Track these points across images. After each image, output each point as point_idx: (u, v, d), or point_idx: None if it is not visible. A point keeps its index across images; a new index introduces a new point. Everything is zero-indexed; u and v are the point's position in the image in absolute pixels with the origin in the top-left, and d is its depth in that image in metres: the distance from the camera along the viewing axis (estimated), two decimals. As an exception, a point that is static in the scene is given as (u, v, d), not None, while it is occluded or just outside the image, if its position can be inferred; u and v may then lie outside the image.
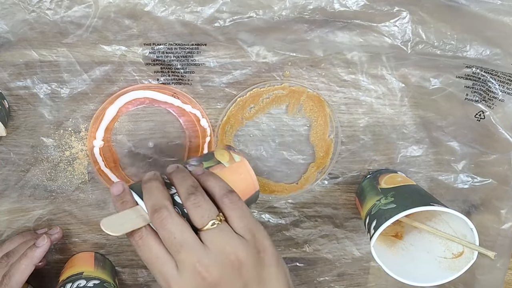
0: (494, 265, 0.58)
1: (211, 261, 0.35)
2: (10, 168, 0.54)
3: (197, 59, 0.52)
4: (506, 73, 0.52)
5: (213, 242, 0.36)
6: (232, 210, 0.38)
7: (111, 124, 0.53)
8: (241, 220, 0.37)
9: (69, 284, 0.50)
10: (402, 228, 0.55)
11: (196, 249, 0.35)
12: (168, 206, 0.37)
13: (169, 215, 0.36)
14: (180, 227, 0.36)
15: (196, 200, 0.37)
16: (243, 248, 0.36)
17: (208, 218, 0.36)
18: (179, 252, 0.35)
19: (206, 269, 0.35)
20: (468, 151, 0.56)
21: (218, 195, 0.38)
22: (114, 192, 0.40)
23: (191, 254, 0.35)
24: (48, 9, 0.47)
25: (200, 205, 0.37)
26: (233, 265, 0.36)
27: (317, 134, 0.55)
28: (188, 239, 0.36)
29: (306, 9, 0.49)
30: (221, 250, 0.36)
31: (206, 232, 0.36)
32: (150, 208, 0.37)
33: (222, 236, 0.36)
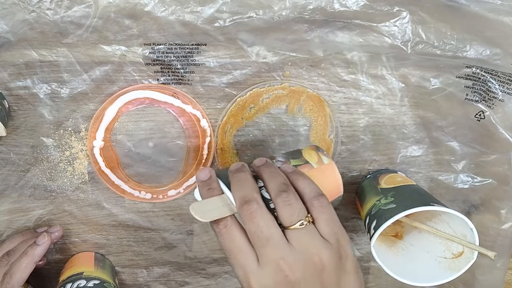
0: (494, 265, 0.58)
1: (295, 260, 0.35)
2: (10, 168, 0.54)
3: (197, 59, 0.52)
4: (506, 73, 0.52)
5: (299, 241, 0.36)
6: (321, 213, 0.37)
7: (111, 124, 0.53)
8: (328, 224, 0.37)
9: (69, 284, 0.50)
10: (402, 228, 0.55)
11: (282, 246, 0.35)
12: (258, 200, 0.37)
13: (259, 209, 0.36)
14: (268, 221, 0.36)
15: (287, 198, 0.37)
16: (327, 251, 0.36)
17: (298, 217, 0.36)
18: (264, 247, 0.35)
19: (289, 267, 0.35)
20: (468, 151, 0.56)
21: (308, 197, 0.38)
22: (202, 177, 0.40)
23: (276, 250, 0.35)
24: (48, 9, 0.47)
25: (291, 203, 0.37)
26: (316, 267, 0.35)
27: (317, 134, 0.55)
28: (275, 235, 0.35)
29: (306, 9, 0.49)
30: (306, 251, 0.35)
31: (293, 231, 0.36)
32: (239, 199, 0.37)
33: (308, 237, 0.36)
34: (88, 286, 0.50)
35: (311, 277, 0.35)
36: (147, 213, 0.57)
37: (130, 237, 0.58)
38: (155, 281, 0.60)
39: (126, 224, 0.57)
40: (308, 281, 0.35)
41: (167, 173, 0.56)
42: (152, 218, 0.57)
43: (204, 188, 0.39)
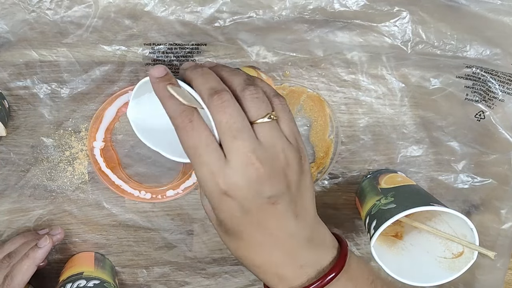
0: (494, 265, 0.58)
1: (263, 154, 0.34)
2: (10, 168, 0.54)
3: (197, 59, 0.52)
4: (506, 73, 0.52)
5: (266, 136, 0.34)
6: (283, 112, 0.36)
7: (111, 124, 0.53)
8: (289, 124, 0.36)
9: (69, 284, 0.50)
10: (402, 228, 0.55)
11: (252, 139, 0.34)
12: (228, 91, 0.35)
13: (231, 98, 0.34)
14: (240, 112, 0.34)
15: (255, 91, 0.35)
16: (291, 149, 0.35)
17: (266, 110, 0.35)
18: (235, 139, 0.33)
19: (260, 161, 0.33)
20: (468, 151, 0.56)
21: (269, 95, 0.37)
22: (156, 74, 0.36)
23: (247, 143, 0.33)
24: (48, 9, 0.47)
25: (259, 97, 0.35)
26: (281, 163, 0.34)
27: (317, 134, 0.55)
28: (246, 127, 0.34)
29: (306, 9, 0.49)
30: (273, 146, 0.34)
31: (260, 125, 0.34)
32: (207, 90, 0.35)
33: (275, 132, 0.35)
34: (88, 286, 0.50)
35: (278, 173, 0.34)
36: (147, 213, 0.57)
37: (130, 237, 0.58)
38: (155, 281, 0.60)
39: (126, 224, 0.57)
40: (276, 177, 0.34)
41: (167, 173, 0.56)
42: (152, 218, 0.57)
43: (161, 83, 0.36)
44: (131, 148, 0.54)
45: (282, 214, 0.35)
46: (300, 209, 0.36)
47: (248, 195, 0.34)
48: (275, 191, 0.34)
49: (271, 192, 0.34)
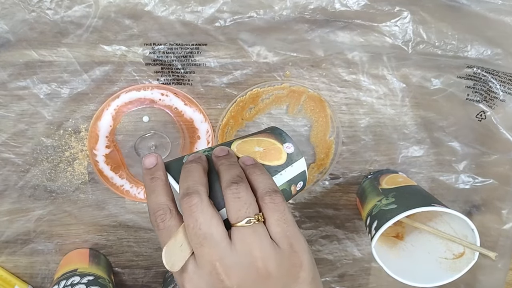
0: (495, 266, 0.58)
1: (233, 263, 0.31)
2: (10, 168, 0.54)
3: (197, 59, 0.52)
4: (507, 73, 0.52)
5: (242, 242, 0.31)
6: (272, 211, 0.33)
7: (111, 124, 0.53)
8: (279, 224, 0.33)
9: (64, 281, 0.50)
10: (403, 229, 0.55)
11: (221, 246, 0.31)
12: (201, 193, 0.32)
13: (200, 202, 0.32)
14: (209, 217, 0.32)
15: (237, 191, 0.33)
16: (275, 257, 0.32)
17: (245, 214, 0.32)
18: (201, 246, 0.31)
19: (225, 271, 0.31)
20: (469, 151, 0.56)
21: (261, 192, 0.34)
22: (146, 164, 0.35)
23: (213, 251, 0.31)
24: (48, 9, 0.47)
25: (240, 197, 0.33)
26: (259, 273, 0.31)
27: (317, 135, 0.55)
28: (214, 234, 0.31)
29: (307, 9, 0.49)
30: (249, 253, 0.31)
31: (238, 229, 0.32)
32: (182, 190, 0.33)
33: (254, 237, 0.32)
34: (82, 282, 0.50)
35: (251, 285, 0.31)
36: (147, 214, 0.57)
37: (130, 238, 0.58)
38: (155, 282, 0.60)
39: (126, 224, 0.57)
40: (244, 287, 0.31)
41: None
42: (152, 219, 0.57)
43: (147, 176, 0.35)
44: (131, 149, 0.54)
45: None
46: None
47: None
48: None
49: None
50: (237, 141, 0.41)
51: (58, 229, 0.56)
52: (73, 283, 0.49)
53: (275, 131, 0.42)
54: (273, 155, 0.39)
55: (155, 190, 0.34)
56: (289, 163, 0.40)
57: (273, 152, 0.39)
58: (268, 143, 0.40)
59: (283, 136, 0.41)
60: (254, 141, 0.41)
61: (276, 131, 0.42)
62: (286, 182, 0.39)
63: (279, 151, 0.40)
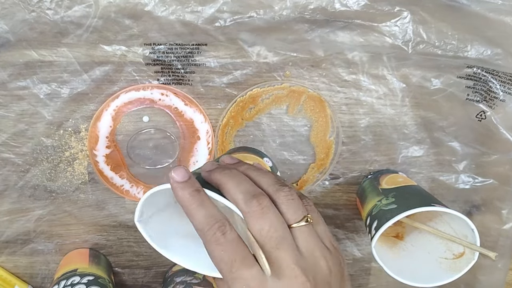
0: (495, 266, 0.58)
1: (307, 265, 0.30)
2: (10, 168, 0.54)
3: (197, 59, 0.52)
4: (507, 73, 0.52)
5: (306, 242, 0.31)
6: (314, 213, 0.33)
7: (111, 124, 0.53)
8: (323, 227, 0.33)
9: (64, 281, 0.50)
10: (403, 229, 0.55)
11: (294, 248, 0.30)
12: (265, 195, 0.31)
13: (271, 204, 0.31)
14: (280, 219, 0.31)
15: (290, 192, 0.32)
16: (330, 256, 0.32)
17: (302, 213, 0.32)
18: (278, 249, 0.30)
19: (304, 273, 0.30)
20: (469, 151, 0.56)
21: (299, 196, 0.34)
22: (179, 178, 0.32)
23: (289, 253, 0.30)
24: (48, 9, 0.47)
25: (294, 198, 0.32)
26: (324, 273, 0.31)
27: (317, 135, 0.55)
28: (287, 235, 0.30)
29: (307, 9, 0.49)
30: (312, 254, 0.31)
31: (298, 230, 0.31)
32: (243, 194, 0.31)
33: (313, 238, 0.31)
34: (82, 282, 0.50)
35: (323, 284, 0.31)
36: (147, 214, 0.57)
37: (130, 238, 0.58)
38: (155, 282, 0.60)
39: (127, 224, 0.57)
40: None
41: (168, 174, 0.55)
42: (152, 219, 0.57)
43: (187, 190, 0.32)
44: (131, 149, 0.54)
45: None
46: None
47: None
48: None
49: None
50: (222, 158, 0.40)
51: (58, 229, 0.56)
52: (73, 283, 0.49)
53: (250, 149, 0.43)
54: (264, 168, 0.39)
55: (203, 203, 0.32)
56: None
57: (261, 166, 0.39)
58: (253, 158, 0.41)
59: (260, 153, 0.42)
60: (240, 157, 0.40)
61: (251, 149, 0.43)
62: None
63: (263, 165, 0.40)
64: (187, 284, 0.52)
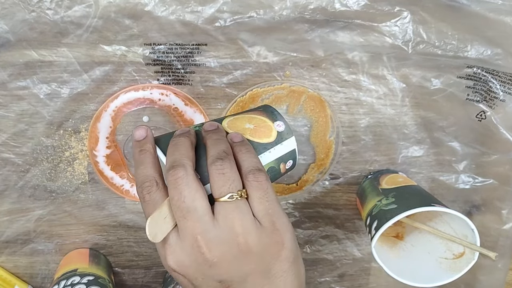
0: (495, 266, 0.58)
1: (215, 237, 0.32)
2: (10, 168, 0.54)
3: (197, 59, 0.52)
4: (507, 73, 0.52)
5: (225, 217, 0.32)
6: (255, 189, 0.33)
7: (111, 124, 0.53)
8: (261, 202, 0.33)
9: (64, 281, 0.50)
10: (403, 229, 0.55)
11: (203, 220, 0.32)
12: (186, 166, 0.33)
13: (185, 176, 0.32)
14: (193, 191, 0.32)
15: (222, 166, 0.33)
16: (256, 233, 0.32)
17: (229, 189, 0.32)
18: (184, 219, 0.32)
19: (207, 244, 0.31)
20: (469, 151, 0.56)
21: (245, 170, 0.34)
22: (136, 136, 0.36)
23: (196, 224, 0.31)
24: (48, 9, 0.47)
25: (225, 173, 0.33)
26: (239, 248, 0.32)
27: (317, 135, 0.55)
28: (198, 207, 0.32)
29: (307, 9, 0.49)
30: (230, 228, 0.32)
31: (221, 204, 0.32)
32: (168, 163, 0.33)
33: (236, 213, 0.32)
34: (82, 282, 0.50)
35: (232, 259, 0.32)
36: (147, 214, 0.57)
37: (130, 238, 0.58)
38: (155, 282, 0.60)
39: (127, 224, 0.57)
40: (228, 263, 0.32)
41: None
42: (152, 219, 0.57)
43: (137, 148, 0.35)
44: (131, 149, 0.54)
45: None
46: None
47: (197, 276, 0.32)
48: (225, 276, 0.32)
49: (221, 277, 0.32)
50: (228, 118, 0.41)
51: (58, 229, 0.56)
52: (73, 283, 0.49)
53: (267, 109, 0.42)
54: (263, 132, 0.39)
55: (143, 163, 0.35)
56: (279, 141, 0.40)
57: (263, 130, 0.40)
58: (259, 120, 0.40)
59: (274, 114, 0.41)
60: (245, 118, 0.41)
61: (268, 109, 0.42)
62: (275, 160, 0.39)
63: (269, 128, 0.40)
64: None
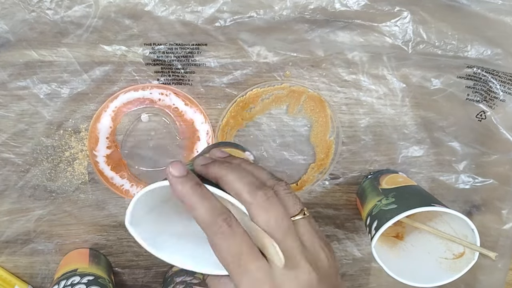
0: (495, 266, 0.58)
1: (309, 255, 0.31)
2: (10, 168, 0.54)
3: (197, 59, 0.52)
4: (507, 73, 0.52)
5: (306, 233, 0.31)
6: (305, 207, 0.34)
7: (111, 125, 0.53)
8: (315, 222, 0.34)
9: (64, 281, 0.50)
10: (403, 229, 0.55)
11: (298, 239, 0.31)
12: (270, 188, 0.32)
13: (275, 195, 0.31)
14: (285, 211, 0.31)
15: (287, 186, 0.33)
16: (327, 248, 0.32)
17: (300, 206, 0.32)
18: (285, 240, 0.30)
19: (309, 263, 0.30)
20: (469, 151, 0.56)
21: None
22: (177, 172, 0.31)
23: (295, 244, 0.30)
24: (48, 9, 0.47)
25: (291, 192, 0.33)
26: (325, 264, 0.31)
27: (317, 135, 0.55)
28: (292, 226, 0.30)
29: (307, 9, 0.49)
30: (313, 245, 0.31)
31: (299, 222, 0.32)
32: (248, 186, 0.31)
33: (312, 229, 0.32)
34: (82, 282, 0.50)
35: (324, 274, 0.31)
36: (147, 214, 0.57)
37: (130, 238, 0.57)
38: (155, 282, 0.60)
39: (126, 224, 0.57)
40: (323, 278, 0.31)
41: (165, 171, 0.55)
42: (152, 219, 0.57)
43: (187, 184, 0.31)
44: (131, 149, 0.54)
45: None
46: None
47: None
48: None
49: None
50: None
51: (58, 229, 0.56)
52: (73, 283, 0.49)
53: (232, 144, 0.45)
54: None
55: (205, 196, 0.31)
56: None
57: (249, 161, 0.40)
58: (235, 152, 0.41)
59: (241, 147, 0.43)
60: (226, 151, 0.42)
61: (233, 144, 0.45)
62: None
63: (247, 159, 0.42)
64: (187, 284, 0.52)
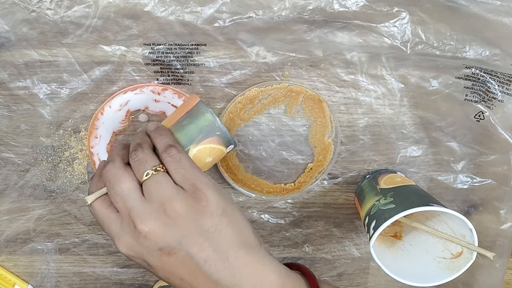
0: (493, 265, 0.58)
1: (143, 210, 0.35)
2: (10, 168, 0.54)
3: (196, 59, 0.52)
4: (505, 74, 0.52)
5: (150, 193, 0.36)
6: (169, 163, 0.38)
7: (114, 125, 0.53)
8: (177, 171, 0.37)
9: None
10: (401, 228, 0.55)
11: (133, 200, 0.36)
12: (115, 160, 0.39)
13: (112, 168, 0.38)
14: (119, 178, 0.37)
15: (135, 155, 0.38)
16: (179, 198, 0.36)
17: (143, 169, 0.37)
18: (117, 203, 0.37)
19: (140, 220, 0.35)
20: (467, 151, 0.56)
21: (159, 150, 0.39)
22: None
23: (127, 204, 0.36)
24: (48, 9, 0.47)
25: (139, 159, 0.38)
26: (167, 214, 0.35)
27: (316, 135, 0.55)
28: (125, 190, 0.36)
29: (306, 9, 0.49)
30: (158, 201, 0.36)
31: (144, 184, 0.37)
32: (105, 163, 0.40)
33: (157, 186, 0.36)
34: None
35: (163, 226, 0.35)
36: (146, 213, 0.57)
37: (129, 237, 0.58)
38: (154, 281, 0.60)
39: (126, 224, 0.57)
40: (161, 230, 0.35)
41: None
42: (151, 218, 0.57)
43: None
44: (130, 148, 0.54)
45: (184, 262, 0.35)
46: (210, 253, 0.35)
47: (142, 251, 0.36)
48: (163, 243, 0.35)
49: (159, 245, 0.35)
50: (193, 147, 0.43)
51: (58, 229, 0.57)
52: None
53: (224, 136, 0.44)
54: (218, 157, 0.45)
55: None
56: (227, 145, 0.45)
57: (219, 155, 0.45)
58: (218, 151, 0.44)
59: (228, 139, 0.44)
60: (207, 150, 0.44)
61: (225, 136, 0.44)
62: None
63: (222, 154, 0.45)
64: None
